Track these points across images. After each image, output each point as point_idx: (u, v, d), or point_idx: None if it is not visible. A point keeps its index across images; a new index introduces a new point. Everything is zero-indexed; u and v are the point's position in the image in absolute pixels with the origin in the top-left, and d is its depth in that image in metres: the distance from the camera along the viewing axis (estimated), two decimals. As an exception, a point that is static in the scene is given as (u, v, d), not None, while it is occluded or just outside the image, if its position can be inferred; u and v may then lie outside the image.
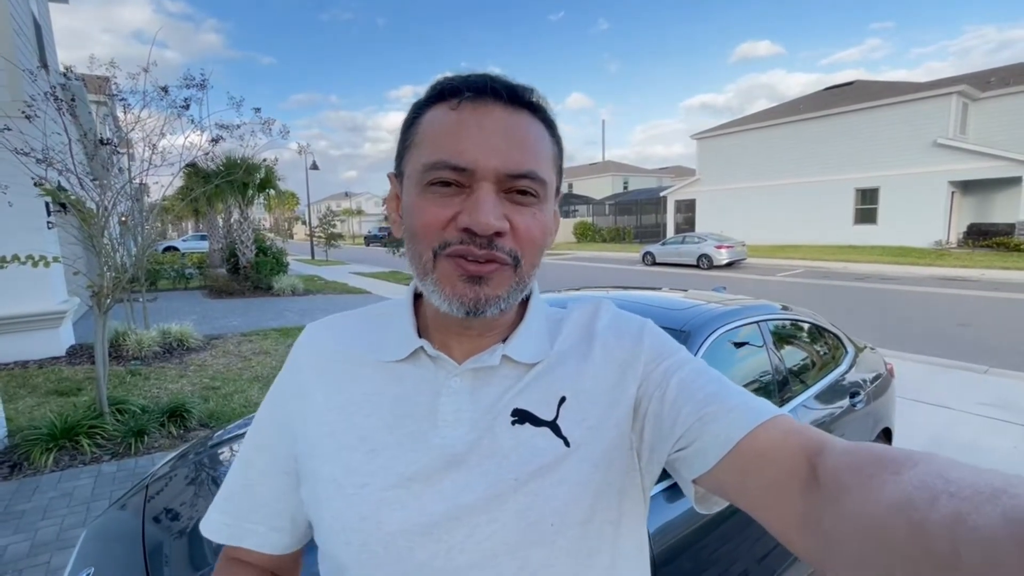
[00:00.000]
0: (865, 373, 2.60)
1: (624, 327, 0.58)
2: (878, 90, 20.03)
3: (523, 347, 0.54)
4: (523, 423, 0.51)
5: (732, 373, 1.98)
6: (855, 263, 15.23)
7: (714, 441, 0.45)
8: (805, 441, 0.41)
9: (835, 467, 0.37)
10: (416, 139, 0.49)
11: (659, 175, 42.90)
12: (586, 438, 0.51)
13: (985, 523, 0.25)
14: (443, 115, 0.48)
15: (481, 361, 0.53)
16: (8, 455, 3.26)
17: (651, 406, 0.52)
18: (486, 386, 0.53)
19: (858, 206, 19.55)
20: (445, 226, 0.47)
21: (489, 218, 0.45)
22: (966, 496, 0.27)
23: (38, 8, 6.85)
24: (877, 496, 0.31)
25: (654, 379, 0.53)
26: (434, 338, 0.55)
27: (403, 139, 0.52)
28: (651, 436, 0.51)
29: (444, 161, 0.46)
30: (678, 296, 2.45)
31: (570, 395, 0.53)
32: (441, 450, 0.50)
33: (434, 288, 0.48)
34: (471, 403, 0.52)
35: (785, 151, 21.19)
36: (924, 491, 0.29)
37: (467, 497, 0.48)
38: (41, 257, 3.18)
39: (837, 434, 0.92)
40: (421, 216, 0.48)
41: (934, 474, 0.30)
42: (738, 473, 0.43)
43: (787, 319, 2.39)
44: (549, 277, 14.46)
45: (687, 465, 0.48)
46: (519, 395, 0.52)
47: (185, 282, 12.60)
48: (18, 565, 2.29)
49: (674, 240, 18.01)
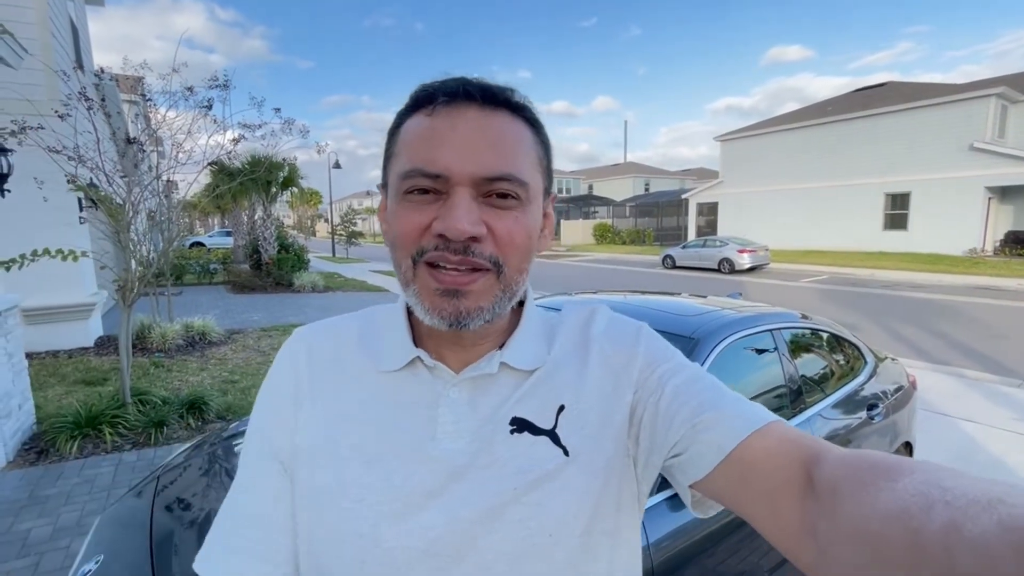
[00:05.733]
0: (885, 384, 2.52)
1: (620, 332, 0.57)
2: (912, 92, 19.39)
3: (521, 353, 0.53)
4: (522, 432, 0.50)
5: (743, 382, 1.94)
6: (883, 270, 14.77)
7: (708, 448, 0.45)
8: (801, 449, 0.41)
9: (831, 475, 0.36)
10: (396, 149, 0.49)
11: (681, 177, 42.38)
12: (585, 447, 0.50)
13: (981, 532, 0.25)
14: (418, 123, 0.47)
15: (479, 369, 0.52)
16: (36, 441, 3.40)
17: (646, 412, 0.51)
18: (485, 395, 0.52)
19: (888, 211, 18.96)
20: (422, 233, 0.46)
21: (462, 223, 0.44)
22: (961, 505, 0.27)
23: (75, 11, 7.11)
24: (873, 504, 0.31)
25: (649, 385, 0.52)
26: (429, 347, 0.54)
27: (386, 150, 0.51)
28: (647, 443, 0.51)
29: (418, 168, 0.45)
30: (691, 301, 2.41)
31: (568, 403, 0.52)
32: (441, 462, 0.49)
33: (415, 300, 0.48)
34: (470, 413, 0.51)
35: (812, 154, 20.68)
36: (920, 499, 0.29)
37: (467, 510, 0.47)
38: (70, 251, 3.30)
39: (855, 447, 0.86)
40: (399, 224, 0.47)
41: (930, 482, 0.30)
42: (734, 481, 0.43)
43: (802, 327, 2.33)
44: (562, 279, 14.40)
45: (682, 471, 0.48)
46: (518, 403, 0.51)
47: (210, 277, 12.92)
48: (40, 548, 2.37)
49: (695, 243, 17.73)
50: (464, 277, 0.46)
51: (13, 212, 4.67)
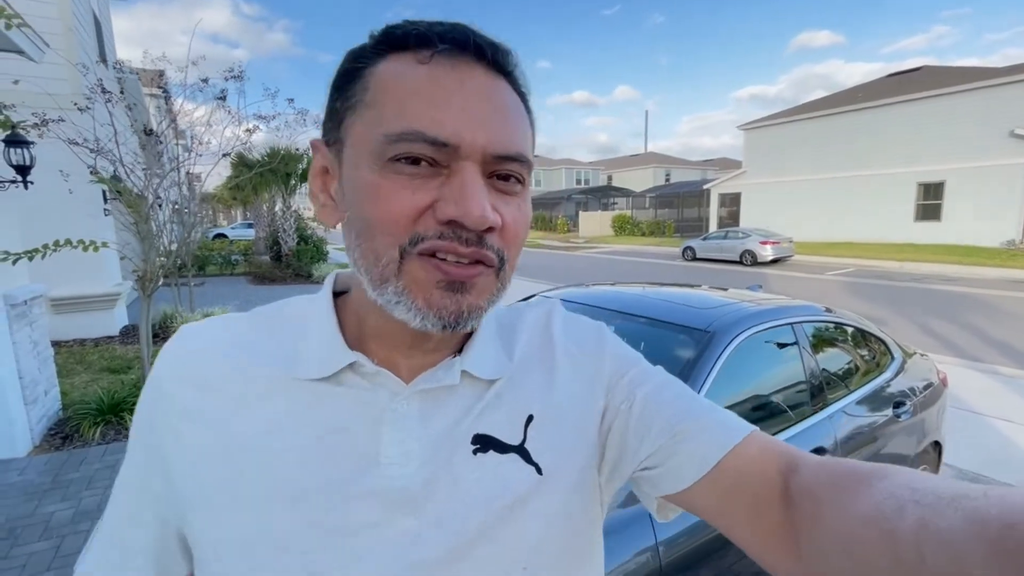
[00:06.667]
0: (914, 381, 2.41)
1: (581, 333, 0.52)
2: (949, 76, 18.54)
3: (483, 360, 0.45)
4: (486, 451, 0.42)
5: (761, 377, 1.86)
6: (914, 262, 14.25)
7: (690, 461, 0.42)
8: (779, 458, 0.41)
9: (808, 483, 0.36)
10: (367, 98, 0.38)
11: (703, 167, 41.57)
12: (559, 462, 0.44)
13: (947, 526, 0.26)
14: (409, 70, 0.37)
15: (437, 380, 0.43)
16: (61, 427, 3.50)
17: (617, 419, 0.47)
18: (440, 409, 0.43)
19: (920, 201, 18.25)
20: (418, 216, 0.36)
21: (484, 210, 0.36)
22: (929, 503, 0.28)
23: (98, 5, 7.24)
24: (851, 509, 0.32)
25: (619, 392, 0.48)
26: (372, 350, 0.43)
27: (341, 95, 0.39)
28: (614, 453, 0.46)
29: (419, 132, 0.35)
30: (708, 294, 2.33)
31: (537, 412, 0.45)
32: (387, 494, 0.39)
33: (399, 299, 0.37)
34: (423, 432, 0.41)
35: (841, 142, 20.00)
36: (892, 501, 0.30)
37: (425, 551, 0.39)
38: (91, 242, 3.36)
39: (879, 446, 0.81)
40: (384, 203, 0.36)
41: (903, 485, 0.31)
42: (718, 492, 0.41)
43: (825, 321, 2.23)
44: (579, 271, 14.28)
45: (657, 483, 0.44)
46: (480, 418, 0.43)
47: (231, 268, 13.18)
48: (61, 531, 2.44)
49: (716, 235, 17.38)
50: (471, 269, 0.38)
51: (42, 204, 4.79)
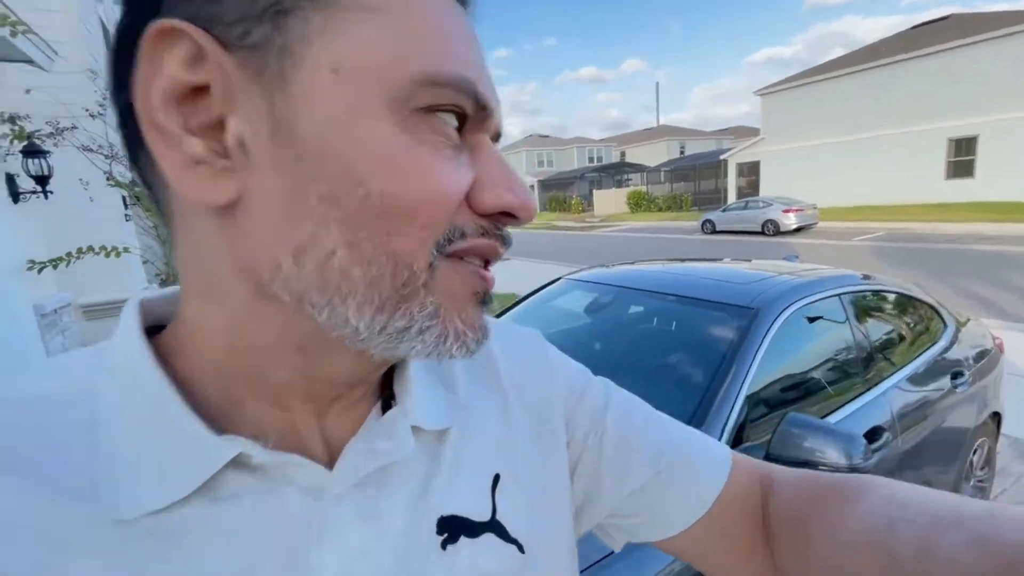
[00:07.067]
0: (969, 350, 2.27)
1: (521, 350, 0.41)
2: (980, 23, 17.52)
3: (428, 404, 0.32)
4: (455, 539, 0.30)
5: (810, 355, 1.76)
6: (947, 223, 13.69)
7: (679, 506, 0.38)
8: (759, 480, 0.40)
9: (787, 507, 0.36)
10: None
11: (718, 137, 40.48)
12: (540, 530, 0.35)
13: (956, 553, 0.25)
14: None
15: (378, 453, 0.29)
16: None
17: (583, 458, 0.39)
18: (387, 496, 0.29)
19: (951, 159, 17.46)
20: (459, 203, 0.26)
21: (532, 196, 0.28)
22: (926, 523, 0.28)
23: (104, 13, 7.26)
24: (840, 534, 0.31)
25: (581, 422, 0.40)
26: (254, 418, 0.28)
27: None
28: (580, 498, 0.40)
29: (470, 82, 0.25)
30: (744, 267, 2.22)
31: (503, 469, 0.34)
32: None
33: (429, 323, 0.25)
34: (373, 540, 0.28)
35: (863, 102, 19.18)
36: (880, 518, 0.29)
37: None
38: (113, 248, 3.39)
39: (938, 421, 0.71)
40: (422, 179, 0.24)
41: (887, 498, 0.31)
42: (712, 534, 0.38)
43: (873, 289, 2.10)
44: (597, 251, 14.08)
45: (629, 532, 0.40)
46: (442, 492, 0.31)
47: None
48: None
49: (736, 206, 16.95)
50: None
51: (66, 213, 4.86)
